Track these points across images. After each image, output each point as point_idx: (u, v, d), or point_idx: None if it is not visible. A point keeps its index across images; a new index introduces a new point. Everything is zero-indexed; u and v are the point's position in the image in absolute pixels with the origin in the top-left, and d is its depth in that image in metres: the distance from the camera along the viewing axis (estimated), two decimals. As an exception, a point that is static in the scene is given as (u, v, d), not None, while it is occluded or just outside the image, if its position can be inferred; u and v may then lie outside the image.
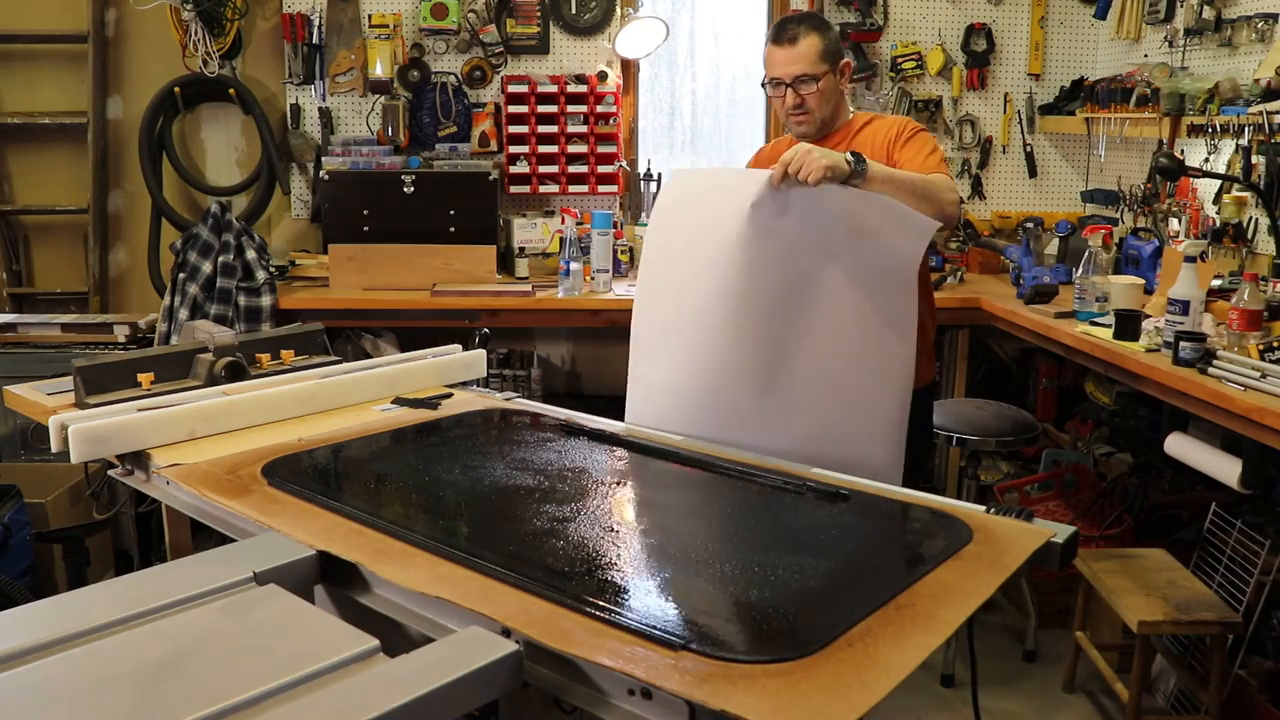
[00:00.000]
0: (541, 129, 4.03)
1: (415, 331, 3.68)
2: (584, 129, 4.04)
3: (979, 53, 4.24)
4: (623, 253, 4.01)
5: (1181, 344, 2.54)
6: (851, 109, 2.49)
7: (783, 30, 2.33)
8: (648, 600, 1.26)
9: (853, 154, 1.95)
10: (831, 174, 1.88)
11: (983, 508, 1.53)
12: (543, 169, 4.06)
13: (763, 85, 2.41)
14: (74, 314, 3.82)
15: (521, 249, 3.93)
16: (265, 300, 3.49)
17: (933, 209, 2.05)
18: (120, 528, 3.42)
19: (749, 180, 1.94)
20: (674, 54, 4.33)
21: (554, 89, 4.02)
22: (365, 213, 3.80)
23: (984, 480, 3.57)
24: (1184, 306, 2.63)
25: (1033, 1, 4.24)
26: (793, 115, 2.36)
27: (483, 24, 4.03)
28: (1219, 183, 3.37)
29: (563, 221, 3.92)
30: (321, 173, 3.84)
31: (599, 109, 4.04)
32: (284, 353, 2.26)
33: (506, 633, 1.15)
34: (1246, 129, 3.08)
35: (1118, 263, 3.61)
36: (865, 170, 1.96)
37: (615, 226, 3.95)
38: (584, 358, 4.33)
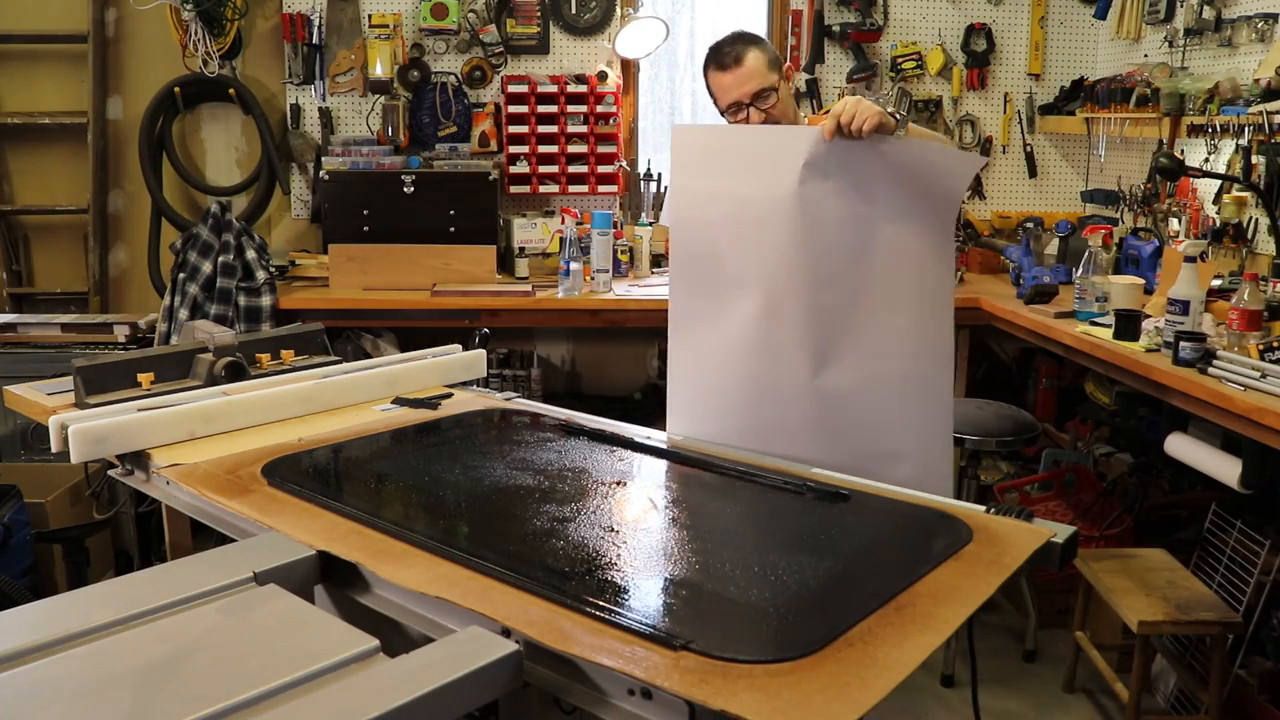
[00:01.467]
0: (541, 129, 4.03)
1: (415, 331, 3.68)
2: (584, 129, 4.04)
3: (979, 53, 4.24)
4: (623, 253, 4.01)
5: (1181, 344, 2.54)
6: (803, 115, 2.43)
7: (722, 55, 2.26)
8: (648, 600, 1.26)
9: (894, 111, 1.92)
10: (882, 125, 1.83)
11: (983, 508, 1.53)
12: (543, 169, 4.06)
13: (721, 113, 2.32)
14: (74, 314, 3.82)
15: (521, 249, 3.93)
16: (265, 300, 3.49)
17: None
18: (120, 528, 3.42)
19: (792, 138, 1.89)
20: (674, 54, 4.34)
21: (554, 89, 4.02)
22: (365, 213, 3.80)
23: (984, 480, 3.57)
24: (1184, 306, 2.63)
25: (1033, 1, 4.24)
26: None
27: (483, 24, 4.03)
28: (1219, 183, 3.37)
29: (563, 221, 3.92)
30: (321, 173, 3.84)
31: (599, 109, 4.04)
32: (284, 353, 2.26)
33: (506, 633, 1.15)
34: (1246, 129, 3.08)
35: (1118, 263, 3.61)
36: (906, 126, 1.92)
37: (615, 226, 3.95)
38: (584, 358, 4.33)
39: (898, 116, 1.88)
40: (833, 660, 1.07)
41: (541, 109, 4.01)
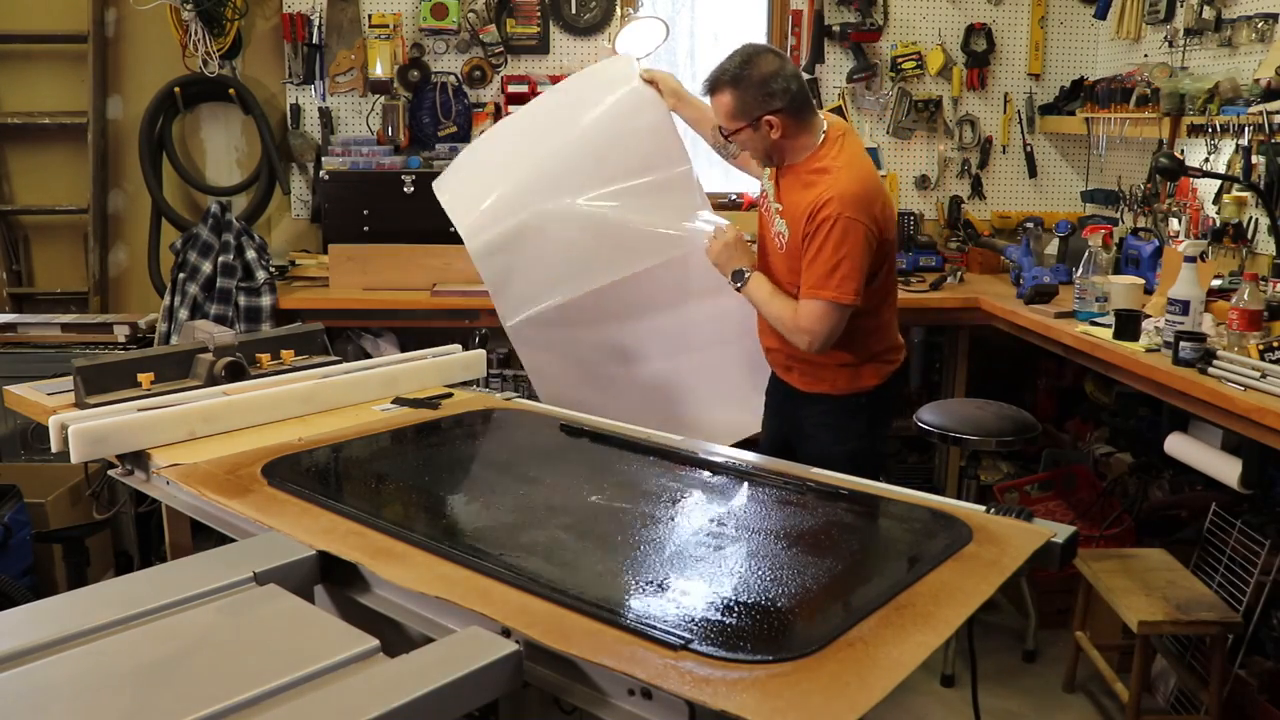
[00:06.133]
0: (541, 129, 4.02)
1: (415, 331, 3.67)
2: (584, 129, 4.04)
3: (979, 53, 4.24)
4: (623, 253, 4.00)
5: (1181, 344, 2.54)
6: (821, 138, 2.32)
7: (709, 78, 2.30)
8: (648, 600, 1.26)
9: (739, 271, 2.38)
10: (718, 267, 2.44)
11: (983, 508, 1.53)
12: (543, 169, 4.05)
13: None
14: (74, 314, 3.81)
15: (521, 249, 3.93)
16: (265, 300, 3.49)
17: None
18: (120, 528, 3.42)
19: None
20: (674, 54, 4.33)
21: (554, 89, 4.01)
22: (365, 213, 3.80)
23: (984, 480, 3.57)
24: (1184, 306, 2.63)
25: (1033, 1, 4.24)
26: None
27: (483, 24, 4.03)
28: (1219, 183, 3.37)
29: (563, 221, 3.91)
30: (321, 173, 3.84)
31: (599, 109, 4.04)
32: (284, 353, 2.26)
33: (506, 633, 1.15)
34: (1246, 129, 3.08)
35: (1118, 263, 3.61)
36: (741, 287, 2.40)
37: (615, 226, 3.94)
38: (584, 358, 4.32)
39: (733, 274, 2.40)
40: (833, 660, 1.07)
41: (541, 109, 4.01)
